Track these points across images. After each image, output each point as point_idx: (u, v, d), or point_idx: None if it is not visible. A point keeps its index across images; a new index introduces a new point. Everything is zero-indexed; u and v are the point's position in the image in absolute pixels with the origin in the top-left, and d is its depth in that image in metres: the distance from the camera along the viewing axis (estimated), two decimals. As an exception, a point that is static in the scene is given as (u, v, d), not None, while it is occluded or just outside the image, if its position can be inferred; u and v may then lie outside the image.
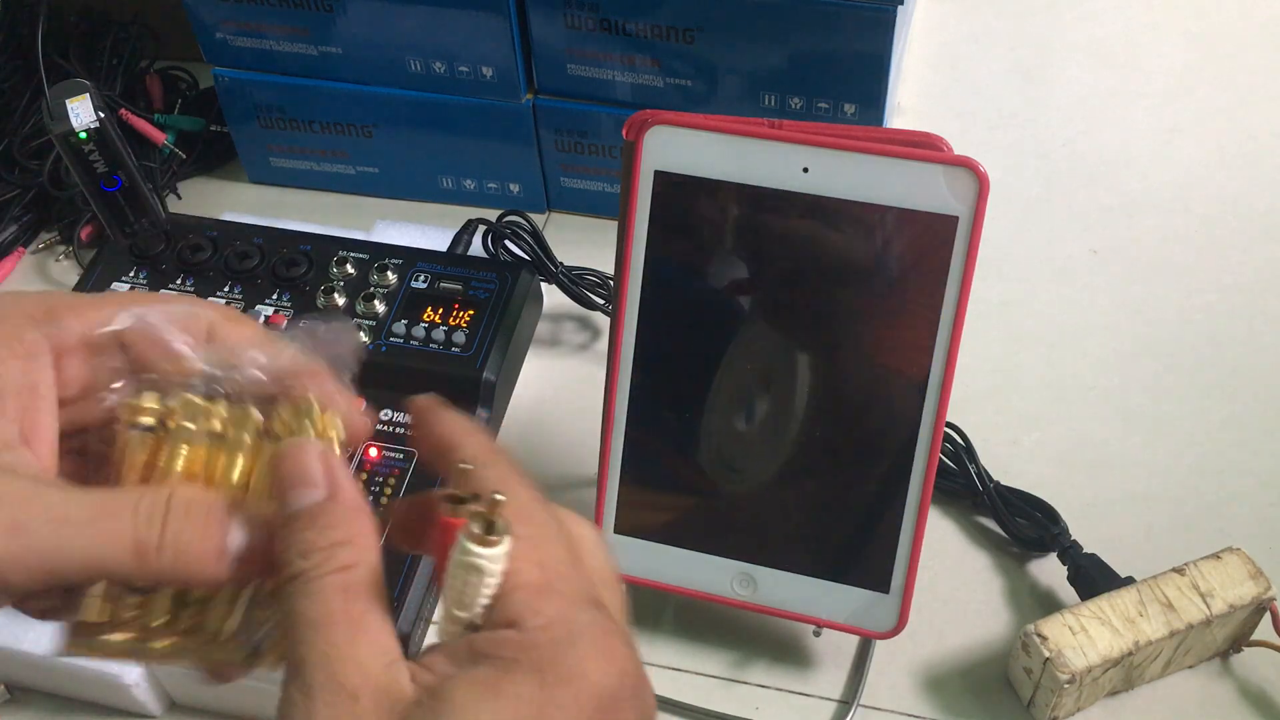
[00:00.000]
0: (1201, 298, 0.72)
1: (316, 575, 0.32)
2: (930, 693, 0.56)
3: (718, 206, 0.50)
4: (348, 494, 0.33)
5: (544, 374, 0.70)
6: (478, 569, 0.32)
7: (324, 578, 0.32)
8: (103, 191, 0.63)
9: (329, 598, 0.32)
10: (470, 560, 0.32)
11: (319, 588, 0.32)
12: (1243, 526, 0.61)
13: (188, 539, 0.33)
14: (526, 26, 0.70)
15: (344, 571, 0.32)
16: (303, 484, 0.33)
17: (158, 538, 0.32)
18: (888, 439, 0.52)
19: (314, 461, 0.34)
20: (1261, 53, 0.88)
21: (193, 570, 0.33)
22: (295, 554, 0.32)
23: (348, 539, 0.33)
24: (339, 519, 0.33)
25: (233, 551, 0.33)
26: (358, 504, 0.33)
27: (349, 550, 0.32)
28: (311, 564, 0.32)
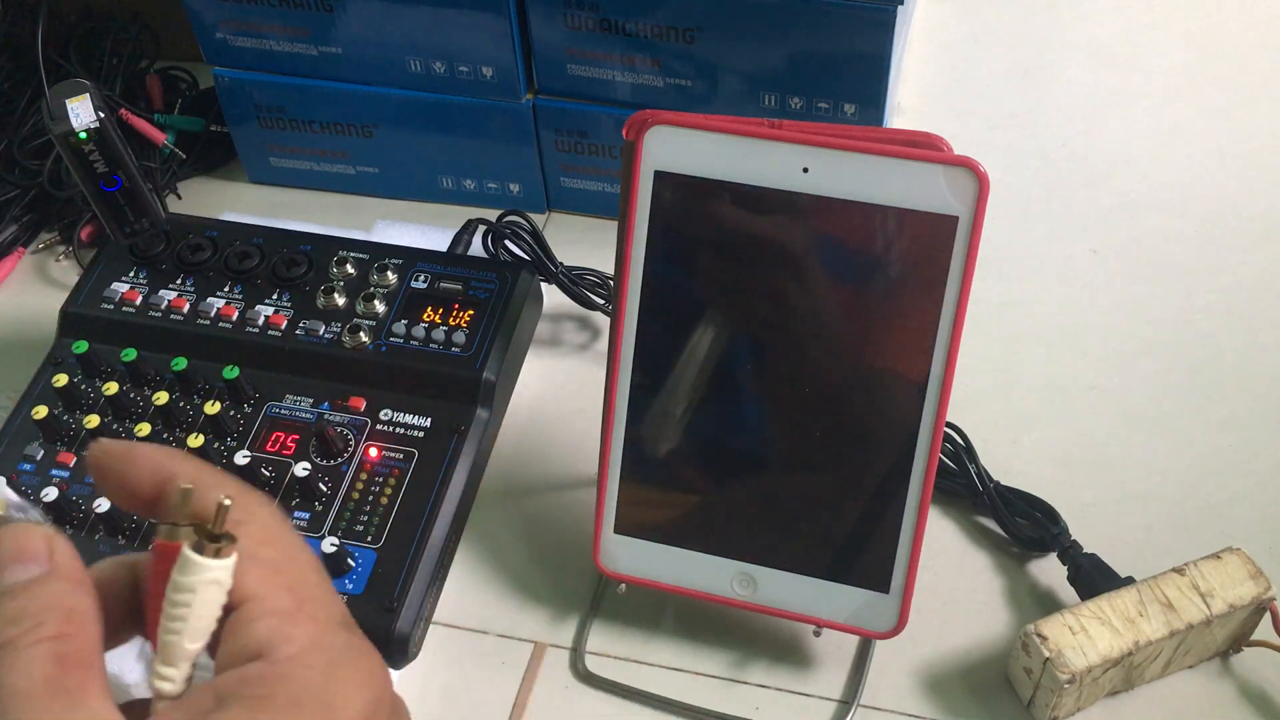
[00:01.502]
0: (1201, 298, 0.72)
1: (27, 643, 0.29)
2: (930, 693, 0.56)
3: (718, 206, 0.50)
4: (69, 570, 0.31)
5: (544, 374, 0.70)
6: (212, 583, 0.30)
7: (33, 646, 0.29)
8: (103, 191, 0.63)
9: (41, 665, 0.29)
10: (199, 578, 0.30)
11: (30, 656, 0.29)
12: (1243, 526, 0.61)
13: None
14: (526, 26, 0.70)
15: (58, 640, 0.29)
16: (19, 559, 0.31)
17: None
18: (888, 439, 0.52)
19: (35, 539, 0.31)
20: (1261, 53, 0.88)
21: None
22: (4, 622, 0.29)
23: (63, 607, 0.30)
24: (57, 591, 0.30)
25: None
26: (80, 579, 0.31)
27: (64, 619, 0.30)
28: (21, 630, 0.29)
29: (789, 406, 0.53)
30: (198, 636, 0.30)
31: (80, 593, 0.31)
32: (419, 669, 0.57)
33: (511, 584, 0.61)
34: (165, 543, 0.31)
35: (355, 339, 0.63)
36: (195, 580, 0.30)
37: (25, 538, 0.31)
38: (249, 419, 0.62)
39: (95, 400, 0.63)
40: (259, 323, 0.64)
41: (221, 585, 0.30)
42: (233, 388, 0.62)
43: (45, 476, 0.60)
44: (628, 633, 0.58)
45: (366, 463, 0.60)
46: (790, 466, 0.54)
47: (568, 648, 0.58)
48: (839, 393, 0.52)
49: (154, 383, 0.63)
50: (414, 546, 0.57)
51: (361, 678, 0.31)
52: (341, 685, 0.30)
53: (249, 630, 0.30)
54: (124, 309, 0.65)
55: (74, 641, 0.30)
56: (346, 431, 0.61)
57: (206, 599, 0.30)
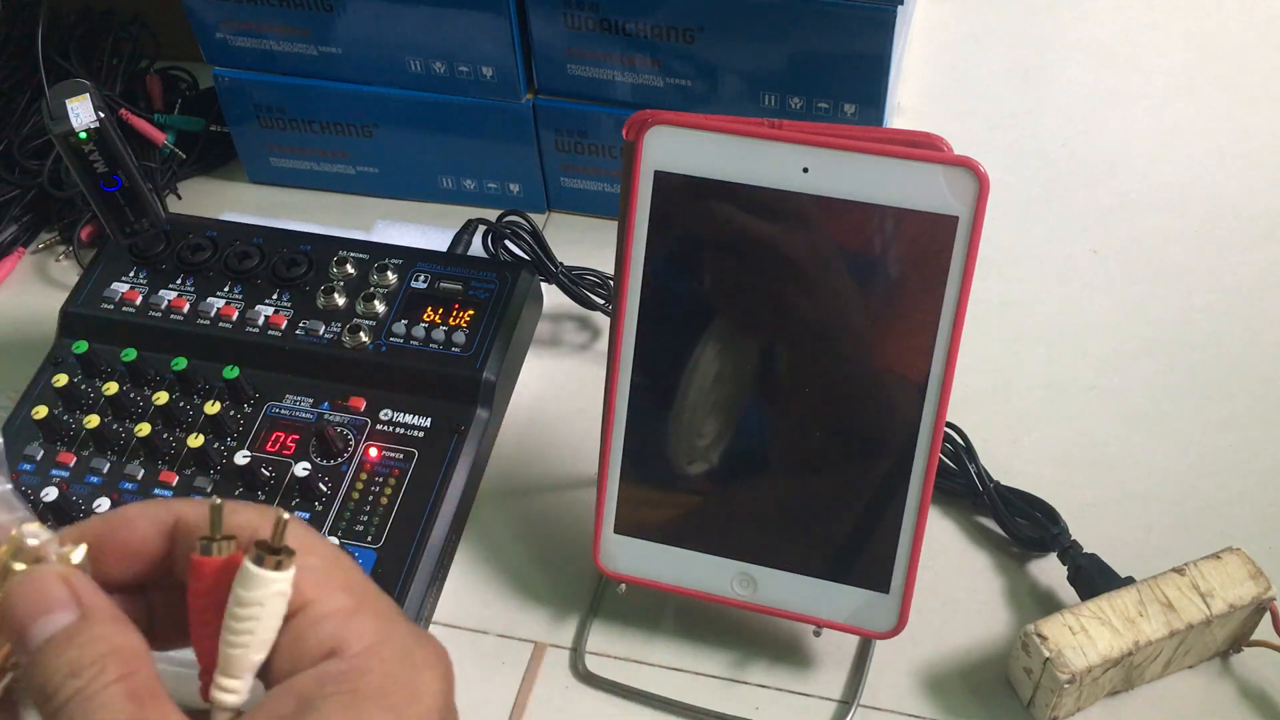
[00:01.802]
0: (1201, 298, 0.72)
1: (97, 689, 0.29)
2: (930, 693, 0.56)
3: (718, 206, 0.50)
4: (102, 609, 0.31)
5: (544, 374, 0.70)
6: (278, 595, 0.30)
7: (106, 689, 0.29)
8: (103, 191, 0.63)
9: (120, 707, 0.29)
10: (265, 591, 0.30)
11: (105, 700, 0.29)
12: (1243, 526, 0.61)
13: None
14: (526, 26, 0.70)
15: (124, 680, 0.29)
16: (47, 611, 0.30)
17: None
18: (888, 439, 0.52)
19: (54, 585, 0.31)
20: (1261, 53, 0.88)
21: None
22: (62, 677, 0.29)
23: (114, 648, 0.30)
24: (102, 635, 0.30)
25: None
26: (114, 614, 0.31)
27: (121, 660, 0.30)
28: (86, 680, 0.29)
29: (789, 406, 0.53)
30: (263, 648, 0.31)
31: (122, 629, 0.31)
32: (419, 669, 0.57)
33: (511, 584, 0.61)
34: (204, 559, 0.31)
35: (355, 339, 0.63)
36: (262, 594, 0.30)
37: (43, 586, 0.31)
38: (249, 419, 0.62)
39: (95, 400, 0.63)
40: (259, 323, 0.64)
41: (285, 596, 0.31)
42: (233, 388, 0.62)
43: (45, 476, 0.60)
44: (628, 633, 0.58)
45: (366, 463, 0.60)
46: (790, 466, 0.54)
47: (568, 648, 0.58)
48: (839, 393, 0.52)
49: (154, 383, 0.63)
50: (414, 546, 0.57)
51: (433, 660, 0.32)
52: (418, 670, 0.31)
53: (315, 632, 0.30)
54: (124, 309, 0.65)
55: (138, 677, 0.30)
56: (346, 431, 0.61)
57: (273, 611, 0.31)
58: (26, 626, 0.30)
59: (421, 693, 0.31)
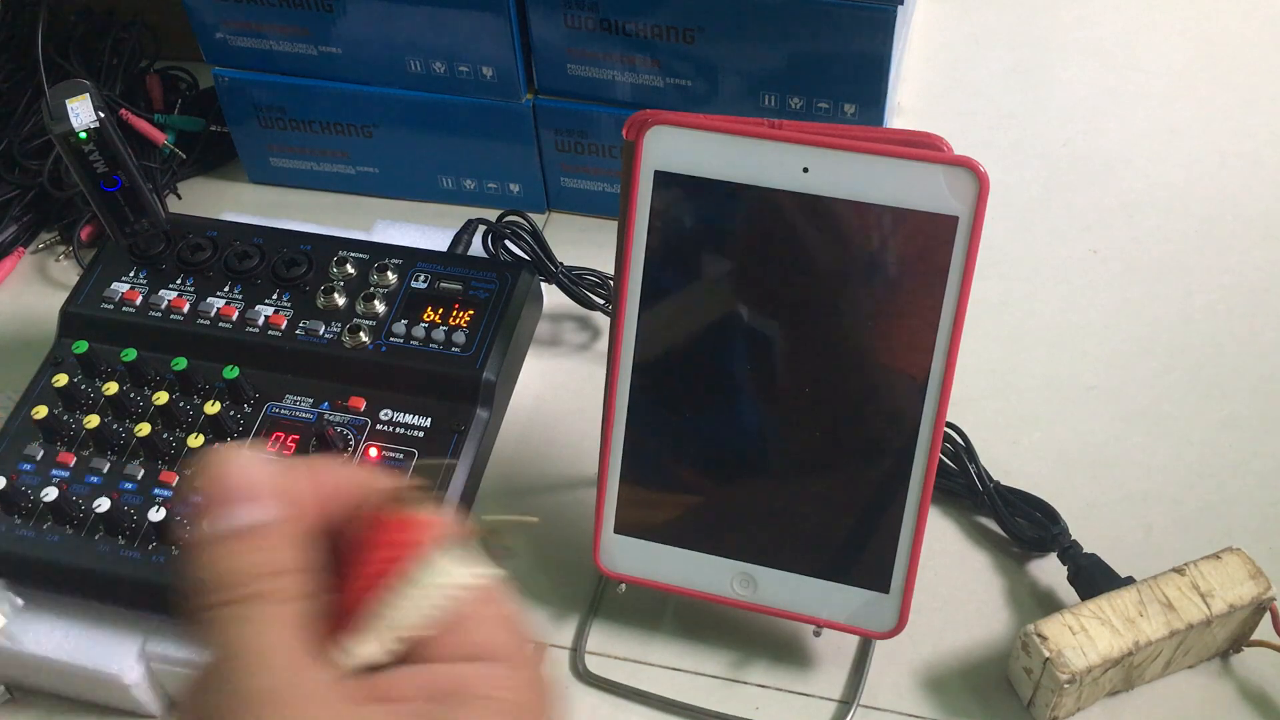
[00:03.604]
0: (1201, 298, 0.72)
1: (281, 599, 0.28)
2: (930, 693, 0.56)
3: (718, 206, 0.50)
4: (306, 514, 0.30)
5: (544, 374, 0.70)
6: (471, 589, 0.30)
7: (288, 603, 0.28)
8: (103, 191, 0.63)
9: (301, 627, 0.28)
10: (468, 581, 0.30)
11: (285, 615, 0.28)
12: (1243, 526, 0.61)
13: None
14: (526, 26, 0.70)
15: (306, 600, 0.29)
16: (251, 497, 0.29)
17: None
18: (888, 439, 0.52)
19: (259, 470, 0.29)
20: (1261, 53, 0.88)
21: None
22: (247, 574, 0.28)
23: (300, 568, 0.29)
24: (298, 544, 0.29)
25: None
26: (312, 529, 0.30)
27: (307, 579, 0.29)
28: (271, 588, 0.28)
29: (789, 406, 0.53)
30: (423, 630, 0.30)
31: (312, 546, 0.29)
32: (419, 669, 0.57)
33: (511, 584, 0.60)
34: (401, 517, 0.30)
35: (355, 339, 0.63)
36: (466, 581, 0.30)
37: (249, 468, 0.29)
38: (249, 419, 0.62)
39: (95, 400, 0.63)
40: (259, 323, 0.64)
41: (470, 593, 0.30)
42: (233, 388, 0.62)
43: (45, 476, 0.60)
44: (628, 633, 0.58)
45: (367, 463, 0.60)
46: (790, 466, 0.54)
47: (568, 648, 0.58)
48: (839, 392, 0.52)
49: (154, 383, 0.63)
50: (414, 546, 0.57)
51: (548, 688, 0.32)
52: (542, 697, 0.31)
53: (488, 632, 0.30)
54: (124, 309, 0.65)
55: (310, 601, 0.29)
56: (346, 431, 0.61)
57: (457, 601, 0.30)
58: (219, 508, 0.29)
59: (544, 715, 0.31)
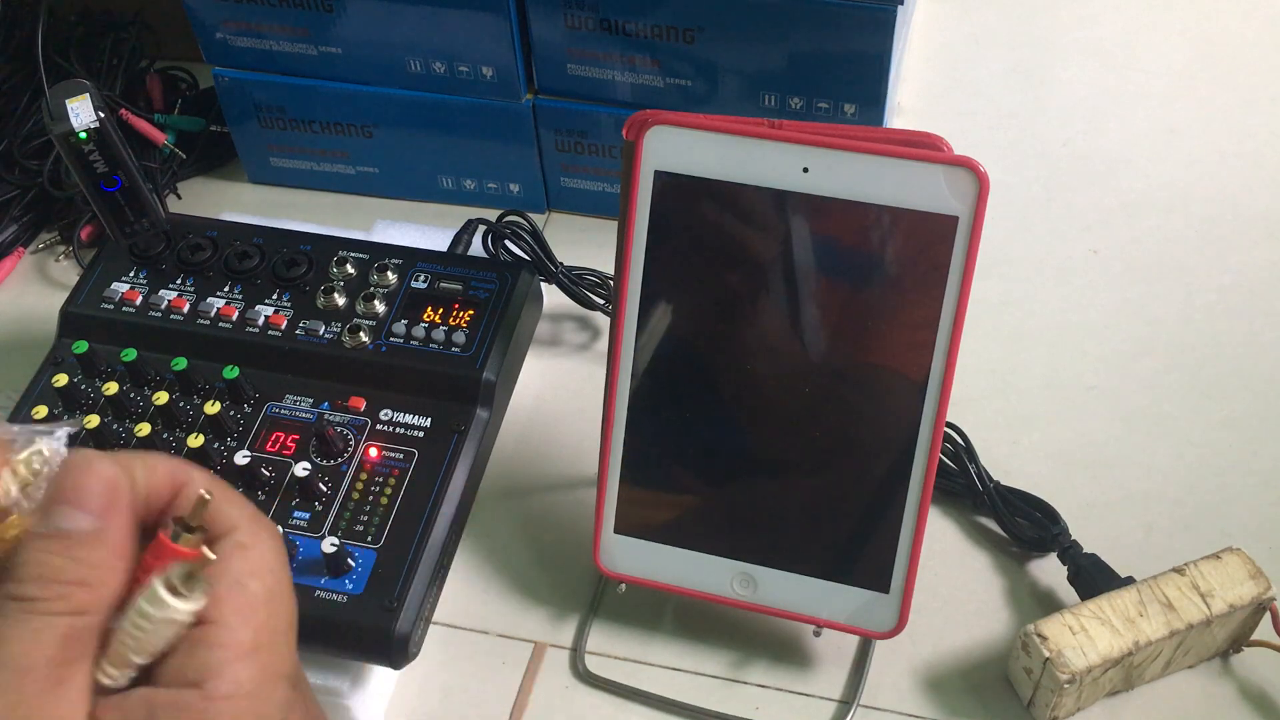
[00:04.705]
0: (1201, 298, 0.72)
1: (46, 611, 0.29)
2: (930, 693, 0.56)
3: (718, 206, 0.50)
4: (118, 539, 0.30)
5: (544, 374, 0.70)
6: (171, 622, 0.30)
7: (53, 616, 0.29)
8: (103, 191, 0.63)
9: (46, 641, 0.29)
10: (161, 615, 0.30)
11: (42, 625, 0.29)
12: (1243, 526, 0.61)
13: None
14: (526, 26, 0.70)
15: (75, 616, 0.29)
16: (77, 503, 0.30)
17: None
18: (888, 439, 0.52)
19: (96, 484, 0.30)
20: (1261, 53, 0.88)
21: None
22: (33, 575, 0.29)
23: (96, 582, 0.30)
24: (98, 561, 0.30)
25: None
26: (124, 552, 0.30)
27: (92, 596, 0.29)
28: (48, 595, 0.29)
29: (789, 406, 0.53)
30: (146, 656, 0.31)
31: (117, 570, 0.30)
32: (419, 669, 0.57)
33: (511, 584, 0.61)
34: (168, 541, 0.31)
35: (355, 339, 0.63)
36: (157, 614, 0.30)
37: (88, 478, 0.30)
38: (249, 419, 0.62)
39: (95, 400, 0.63)
40: (259, 323, 0.64)
41: (180, 625, 0.31)
42: (233, 388, 0.62)
43: (45, 476, 0.60)
44: (628, 633, 0.58)
45: (366, 463, 0.60)
46: (790, 466, 0.54)
47: (568, 648, 0.58)
48: (839, 393, 0.52)
49: (154, 383, 0.63)
50: (414, 546, 0.57)
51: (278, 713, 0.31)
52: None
53: (202, 654, 0.30)
54: (124, 309, 0.65)
55: (88, 620, 0.29)
56: (346, 431, 0.61)
57: (163, 633, 0.31)
58: (53, 505, 0.30)
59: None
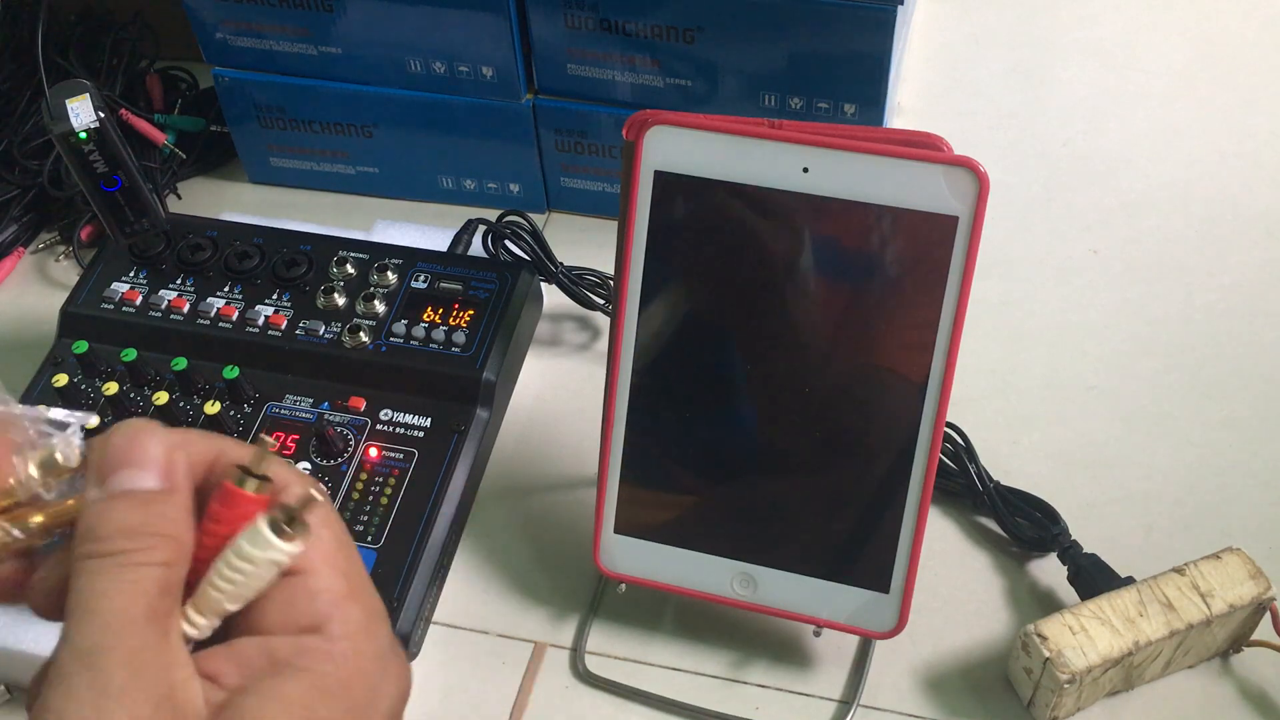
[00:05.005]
0: (1201, 298, 0.72)
1: (139, 562, 0.29)
2: (930, 693, 0.56)
3: (718, 206, 0.50)
4: (184, 495, 0.31)
5: (544, 374, 0.70)
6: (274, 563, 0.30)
7: (145, 567, 0.29)
8: (103, 191, 0.63)
9: (148, 590, 0.29)
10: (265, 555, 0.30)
11: (139, 577, 0.29)
12: (1243, 526, 0.61)
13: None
14: (526, 26, 0.70)
15: (166, 567, 0.29)
16: (139, 464, 0.30)
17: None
18: (888, 439, 0.52)
19: (154, 446, 0.31)
20: (1261, 53, 0.88)
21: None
22: (116, 530, 0.29)
23: (175, 536, 0.30)
24: (173, 518, 0.30)
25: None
26: (191, 507, 0.31)
27: (174, 548, 0.30)
28: (136, 546, 0.29)
29: (789, 406, 0.53)
30: (239, 601, 0.31)
31: (190, 524, 0.31)
32: (419, 669, 0.57)
33: (511, 584, 0.61)
34: (237, 489, 0.31)
35: (355, 339, 0.63)
36: (261, 555, 0.30)
37: (145, 441, 0.31)
38: (249, 419, 0.62)
39: (95, 400, 0.63)
40: (259, 323, 0.64)
41: (280, 567, 0.31)
42: (233, 388, 0.62)
43: (45, 476, 0.60)
44: (628, 633, 0.58)
45: (366, 463, 0.60)
46: (790, 466, 0.54)
47: (568, 648, 0.58)
48: (839, 393, 0.52)
49: (154, 383, 0.63)
50: (414, 546, 0.57)
51: (399, 671, 0.32)
52: (384, 676, 0.31)
53: (308, 602, 0.31)
54: (124, 309, 0.65)
55: (176, 572, 0.30)
56: (346, 431, 0.61)
57: (265, 575, 0.31)
58: (114, 470, 0.30)
59: (380, 698, 0.31)
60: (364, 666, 0.31)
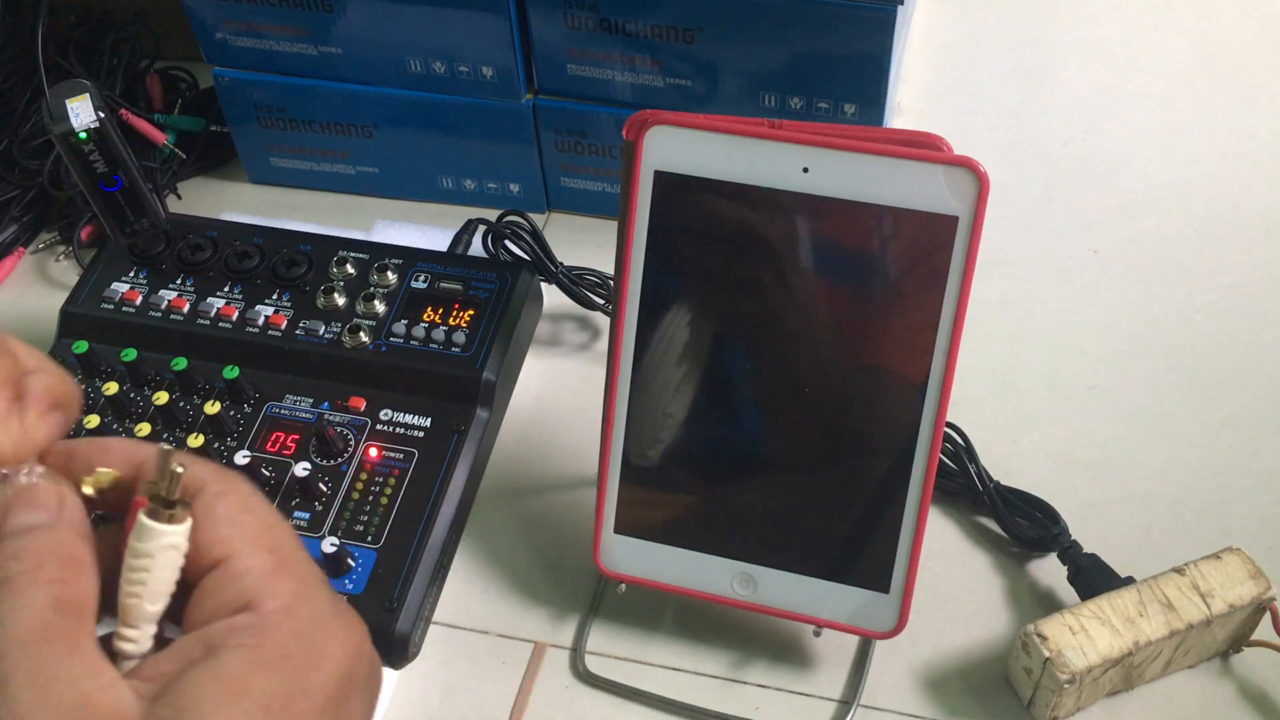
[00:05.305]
0: (1201, 298, 0.72)
1: (28, 583, 0.29)
2: (930, 693, 0.56)
3: (718, 206, 0.50)
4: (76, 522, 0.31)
5: (544, 374, 0.70)
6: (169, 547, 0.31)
7: (34, 587, 0.29)
8: (103, 191, 0.63)
9: (40, 610, 0.29)
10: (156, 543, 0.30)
11: (30, 599, 0.29)
12: (1243, 526, 0.61)
13: None
14: (526, 26, 0.70)
15: (57, 584, 0.29)
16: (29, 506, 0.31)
17: None
18: (888, 439, 0.52)
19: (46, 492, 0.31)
20: (1261, 53, 0.88)
21: None
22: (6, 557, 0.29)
23: (65, 554, 0.30)
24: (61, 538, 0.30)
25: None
26: (85, 532, 0.31)
27: (65, 564, 0.30)
28: (22, 568, 0.29)
29: (789, 406, 0.53)
30: (157, 599, 0.31)
31: (83, 543, 0.31)
32: (419, 669, 0.57)
33: (511, 584, 0.61)
34: (141, 500, 0.32)
35: (355, 339, 0.63)
36: (153, 546, 0.31)
37: (37, 489, 0.31)
38: (249, 419, 0.62)
39: (95, 400, 0.63)
40: (259, 323, 0.64)
41: (179, 549, 0.31)
42: (233, 388, 0.62)
43: (45, 476, 0.60)
44: (628, 633, 0.58)
45: (366, 463, 0.60)
46: (790, 466, 0.54)
47: (568, 648, 0.58)
48: (839, 393, 0.52)
49: (154, 383, 0.63)
50: (414, 546, 0.57)
51: (344, 632, 0.32)
52: (326, 638, 0.31)
53: (235, 584, 0.31)
54: (124, 309, 0.65)
55: (71, 588, 0.30)
56: (346, 431, 0.61)
57: (164, 563, 0.31)
58: (8, 516, 0.31)
59: (324, 661, 0.31)
60: (300, 631, 0.31)
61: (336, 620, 0.32)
